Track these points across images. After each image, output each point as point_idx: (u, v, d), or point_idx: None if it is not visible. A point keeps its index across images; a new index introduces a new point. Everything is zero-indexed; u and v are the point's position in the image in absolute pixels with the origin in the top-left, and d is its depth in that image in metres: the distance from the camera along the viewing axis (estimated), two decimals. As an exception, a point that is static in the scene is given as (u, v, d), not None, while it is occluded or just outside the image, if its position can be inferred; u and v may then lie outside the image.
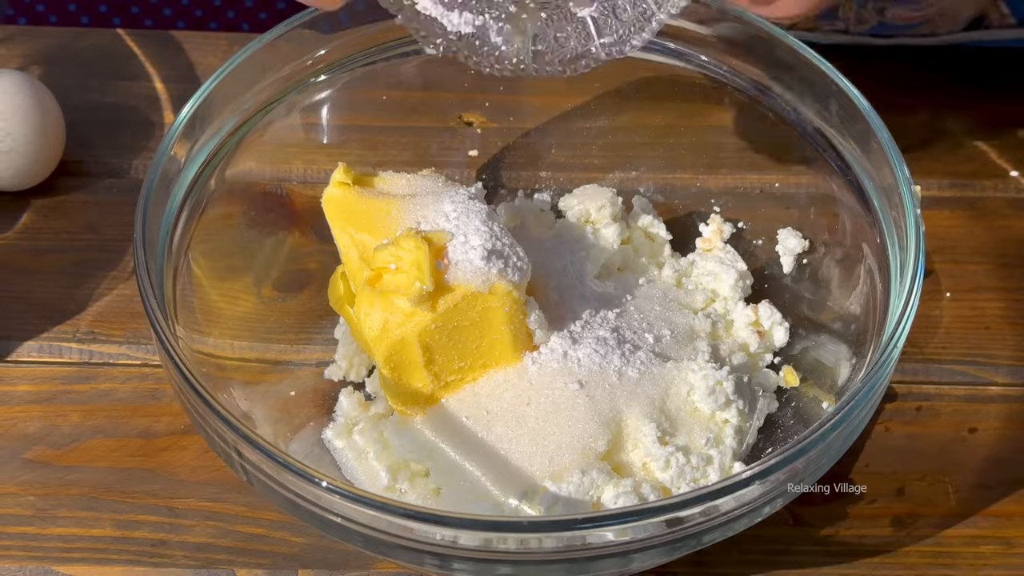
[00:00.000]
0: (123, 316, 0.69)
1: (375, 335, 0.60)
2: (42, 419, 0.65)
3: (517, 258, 0.60)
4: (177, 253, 0.63)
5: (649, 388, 0.61)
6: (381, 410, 0.63)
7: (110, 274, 0.70)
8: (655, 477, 0.60)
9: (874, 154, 0.63)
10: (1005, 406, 0.66)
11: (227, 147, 0.66)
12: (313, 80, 0.69)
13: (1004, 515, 0.63)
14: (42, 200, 0.73)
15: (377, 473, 0.61)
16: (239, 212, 0.68)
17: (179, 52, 0.79)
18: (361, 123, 0.72)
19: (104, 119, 0.76)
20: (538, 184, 0.72)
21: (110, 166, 0.75)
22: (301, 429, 0.64)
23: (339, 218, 0.62)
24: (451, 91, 0.73)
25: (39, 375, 0.67)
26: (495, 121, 0.73)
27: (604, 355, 0.62)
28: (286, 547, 0.62)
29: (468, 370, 0.61)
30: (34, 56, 0.79)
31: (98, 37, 0.80)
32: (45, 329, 0.68)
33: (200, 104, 0.64)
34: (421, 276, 0.58)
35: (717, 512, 0.53)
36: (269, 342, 0.66)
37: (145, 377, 0.67)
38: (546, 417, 0.60)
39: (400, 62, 0.70)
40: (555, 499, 0.58)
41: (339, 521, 0.54)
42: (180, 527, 0.62)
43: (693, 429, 0.61)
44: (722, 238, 0.70)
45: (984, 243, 0.72)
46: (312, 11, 0.67)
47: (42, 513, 0.62)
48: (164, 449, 0.65)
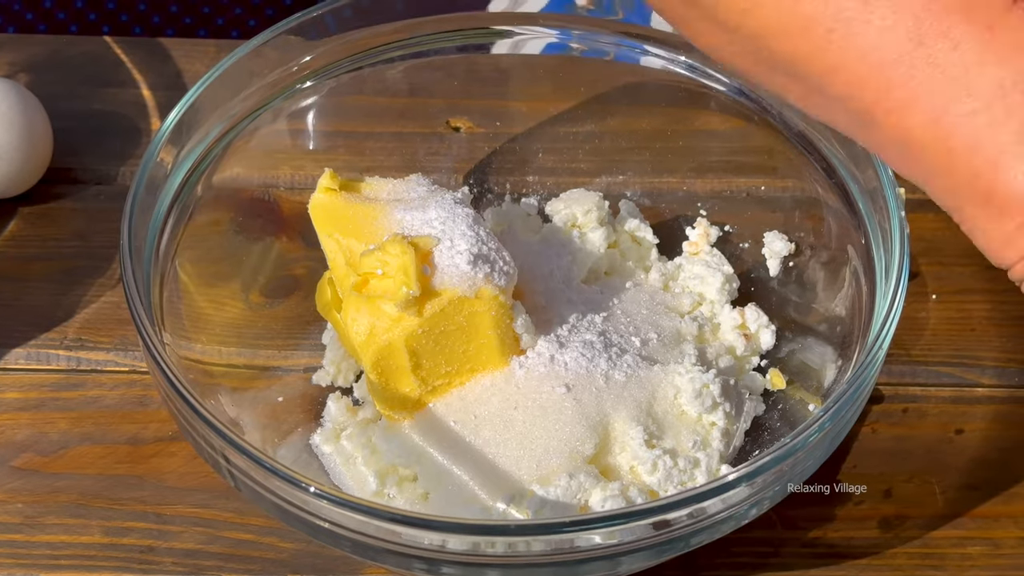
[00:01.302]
0: (111, 323, 0.69)
1: (362, 340, 0.60)
2: (30, 426, 0.65)
3: (503, 262, 0.60)
4: (164, 260, 0.63)
5: (636, 391, 0.61)
6: (369, 415, 0.64)
7: (98, 281, 0.70)
8: (642, 480, 0.60)
9: (859, 157, 0.63)
10: (991, 407, 0.66)
11: (214, 153, 0.66)
12: (300, 86, 0.69)
13: (991, 516, 0.63)
14: (29, 207, 0.73)
15: (365, 478, 0.61)
16: (226, 218, 0.68)
17: (167, 59, 0.79)
18: (348, 129, 0.72)
19: (92, 126, 0.76)
20: (525, 189, 0.72)
21: (98, 173, 0.75)
22: (289, 435, 0.64)
23: (326, 224, 0.62)
24: (438, 96, 0.73)
25: (27, 382, 0.67)
26: (482, 126, 0.73)
27: (591, 359, 0.62)
28: (274, 553, 0.62)
29: (455, 374, 0.61)
30: (22, 64, 0.79)
31: (86, 45, 0.80)
32: (33, 336, 0.68)
33: (187, 110, 0.64)
34: (408, 281, 0.58)
35: (704, 514, 0.54)
36: (257, 348, 0.66)
37: (133, 384, 0.67)
38: (533, 421, 0.60)
39: (386, 67, 0.70)
40: (543, 503, 0.58)
41: (327, 526, 0.54)
42: (168, 533, 0.62)
43: (680, 432, 0.61)
44: (708, 241, 0.70)
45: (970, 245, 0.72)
46: (298, 17, 0.67)
47: (30, 521, 0.62)
48: (152, 456, 0.65)
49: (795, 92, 0.51)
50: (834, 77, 0.48)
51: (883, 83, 0.47)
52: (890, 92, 0.47)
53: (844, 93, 0.48)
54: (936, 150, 0.47)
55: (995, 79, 0.46)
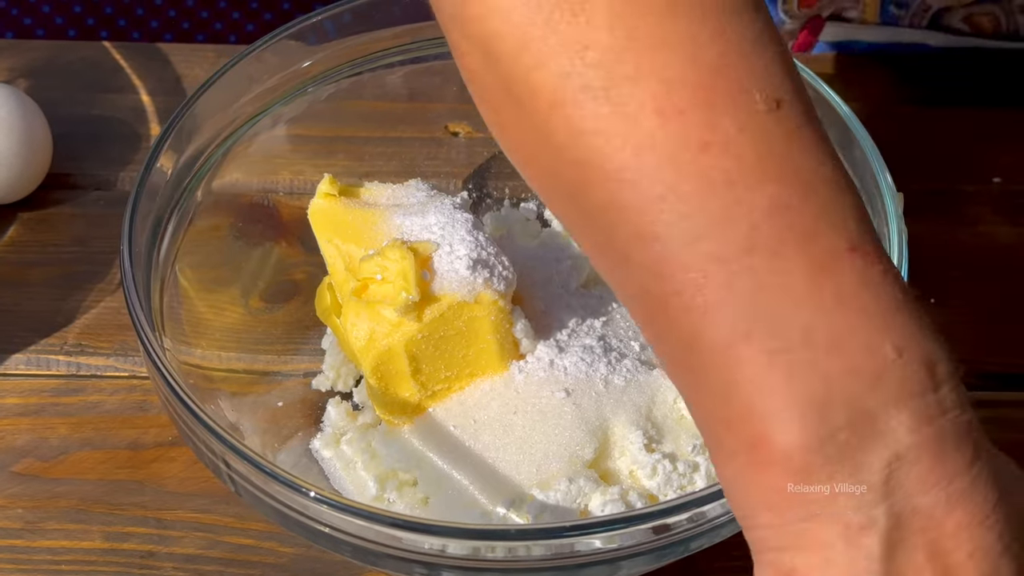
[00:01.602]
0: (110, 328, 0.69)
1: (362, 345, 0.60)
2: (30, 432, 0.66)
3: (503, 267, 0.60)
4: (164, 265, 0.63)
5: (635, 396, 0.61)
6: (369, 420, 0.64)
7: (97, 286, 0.70)
8: (642, 484, 0.60)
9: (856, 161, 0.63)
10: (993, 411, 0.66)
11: (213, 159, 0.66)
12: (299, 91, 0.69)
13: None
14: (29, 213, 0.73)
15: (365, 483, 0.61)
16: (226, 224, 0.68)
17: (166, 64, 0.79)
18: (347, 134, 0.72)
19: (91, 132, 0.76)
20: (524, 194, 0.72)
21: (97, 179, 0.75)
22: (289, 440, 0.64)
23: (325, 229, 0.62)
24: (437, 101, 0.73)
25: (27, 388, 0.67)
26: (481, 131, 0.74)
27: (590, 363, 0.62)
28: (275, 557, 0.62)
29: (455, 379, 0.61)
30: (21, 69, 0.79)
31: (85, 50, 0.80)
32: (33, 342, 0.68)
33: (186, 116, 0.64)
34: (407, 286, 0.58)
35: (704, 518, 0.54)
36: (256, 353, 0.66)
37: (133, 389, 0.67)
38: (533, 426, 0.60)
39: (386, 73, 0.70)
40: (543, 507, 0.58)
41: (327, 531, 0.54)
42: (169, 538, 0.62)
43: (679, 436, 0.61)
44: (707, 246, 0.70)
45: (970, 248, 0.72)
46: (298, 22, 0.67)
47: (31, 526, 0.62)
48: (152, 461, 0.65)
49: (585, 230, 0.45)
50: (647, 245, 0.42)
51: (699, 278, 0.41)
52: (702, 290, 0.41)
53: (650, 265, 0.42)
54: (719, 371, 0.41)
55: (805, 324, 0.41)
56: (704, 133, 0.41)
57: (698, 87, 0.41)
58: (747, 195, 0.41)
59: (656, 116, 0.41)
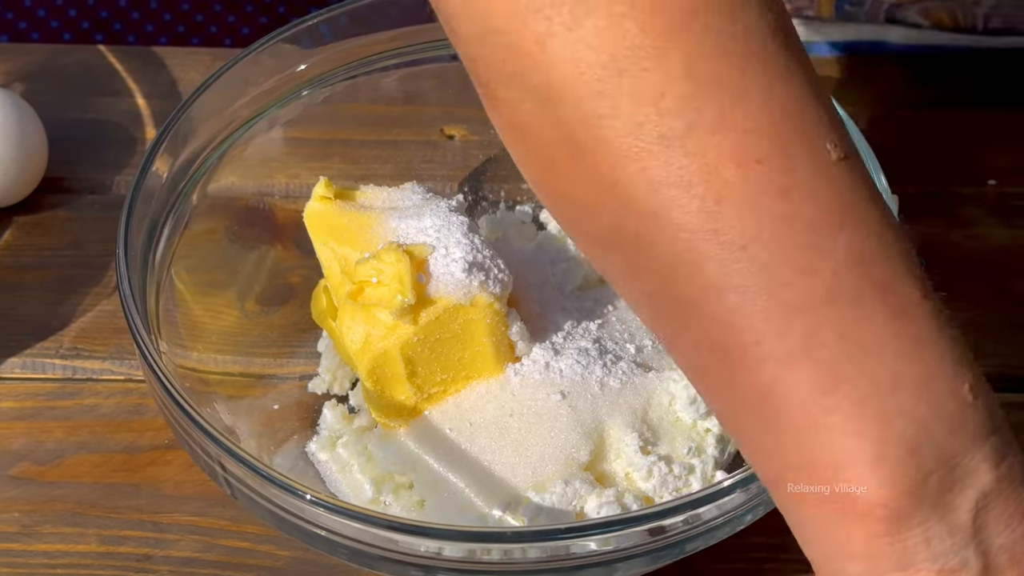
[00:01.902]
0: (106, 332, 0.69)
1: (358, 348, 0.60)
2: (26, 435, 0.65)
3: (498, 270, 0.60)
4: (160, 268, 0.63)
5: (631, 398, 0.61)
6: (365, 423, 0.64)
7: (93, 290, 0.70)
8: (638, 486, 0.60)
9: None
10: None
11: (209, 162, 0.66)
12: (295, 94, 0.69)
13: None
14: (24, 217, 0.73)
15: (361, 486, 0.61)
16: (221, 227, 0.68)
17: (161, 68, 0.79)
18: (343, 137, 0.72)
19: (86, 135, 0.76)
20: (520, 196, 0.73)
21: (92, 182, 0.75)
22: (285, 442, 0.64)
23: (321, 232, 0.62)
24: (433, 104, 0.73)
25: (22, 391, 0.67)
26: (476, 134, 0.74)
27: (586, 366, 0.62)
28: (271, 560, 0.62)
29: (451, 382, 0.61)
30: (16, 73, 0.79)
31: (80, 54, 0.80)
32: (28, 345, 0.68)
33: (182, 119, 0.64)
34: (403, 289, 0.58)
35: (700, 520, 0.54)
36: (252, 356, 0.66)
37: (129, 392, 0.67)
38: (529, 428, 0.60)
39: (381, 76, 0.70)
40: (538, 509, 0.58)
41: (324, 534, 0.54)
42: (165, 542, 0.62)
43: (675, 438, 0.61)
44: (703, 248, 0.70)
45: (970, 249, 0.72)
46: (293, 25, 0.67)
47: (27, 530, 0.62)
48: (148, 464, 0.65)
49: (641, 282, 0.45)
50: (722, 295, 0.42)
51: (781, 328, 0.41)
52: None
53: (724, 316, 0.42)
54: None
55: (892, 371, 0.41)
56: (783, 179, 0.41)
57: (774, 135, 0.41)
58: (825, 243, 0.41)
59: (735, 165, 0.41)
